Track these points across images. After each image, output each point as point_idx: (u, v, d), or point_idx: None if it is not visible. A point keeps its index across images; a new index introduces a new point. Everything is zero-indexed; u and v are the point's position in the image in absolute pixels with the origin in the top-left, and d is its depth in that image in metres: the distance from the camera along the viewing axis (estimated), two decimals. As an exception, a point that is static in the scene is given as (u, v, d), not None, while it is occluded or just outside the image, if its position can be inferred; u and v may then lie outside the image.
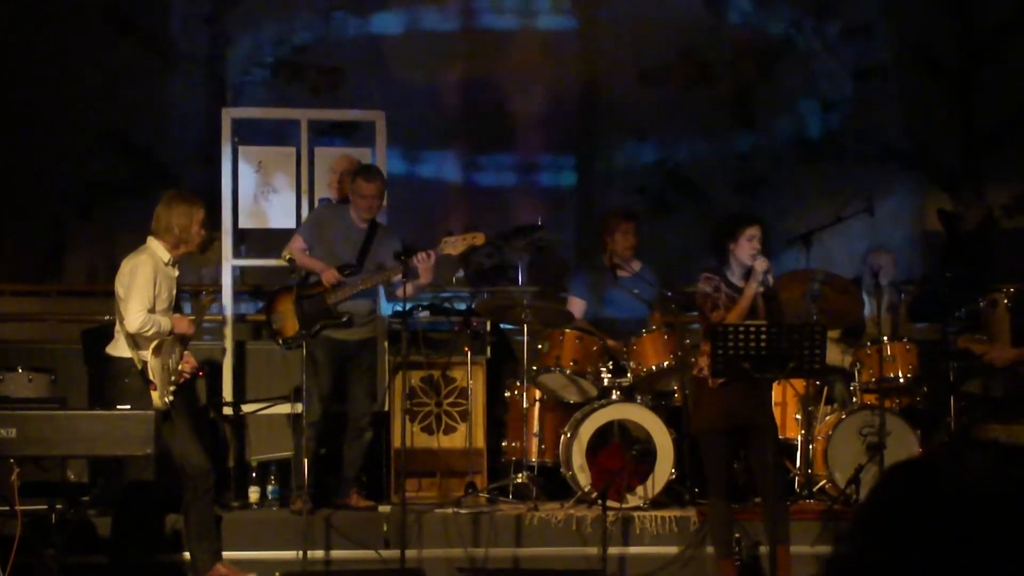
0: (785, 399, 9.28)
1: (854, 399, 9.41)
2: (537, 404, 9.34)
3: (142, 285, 7.68)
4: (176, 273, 7.97)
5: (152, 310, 7.71)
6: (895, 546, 1.68)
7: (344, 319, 8.82)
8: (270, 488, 9.17)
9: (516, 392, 9.41)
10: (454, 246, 8.70)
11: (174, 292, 7.96)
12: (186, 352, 7.97)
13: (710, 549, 8.29)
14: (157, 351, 7.71)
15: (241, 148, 9.92)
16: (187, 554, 8.21)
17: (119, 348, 7.79)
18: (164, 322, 7.74)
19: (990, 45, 12.53)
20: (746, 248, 7.61)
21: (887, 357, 9.32)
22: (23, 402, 8.30)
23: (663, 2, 12.66)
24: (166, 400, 7.69)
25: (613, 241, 9.59)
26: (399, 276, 8.48)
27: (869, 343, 9.46)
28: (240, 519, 8.82)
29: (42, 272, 12.01)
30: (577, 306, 9.66)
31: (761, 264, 7.58)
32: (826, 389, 9.51)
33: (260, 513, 9.05)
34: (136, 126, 12.07)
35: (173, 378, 7.80)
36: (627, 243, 9.59)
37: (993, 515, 1.63)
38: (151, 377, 7.65)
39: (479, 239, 8.81)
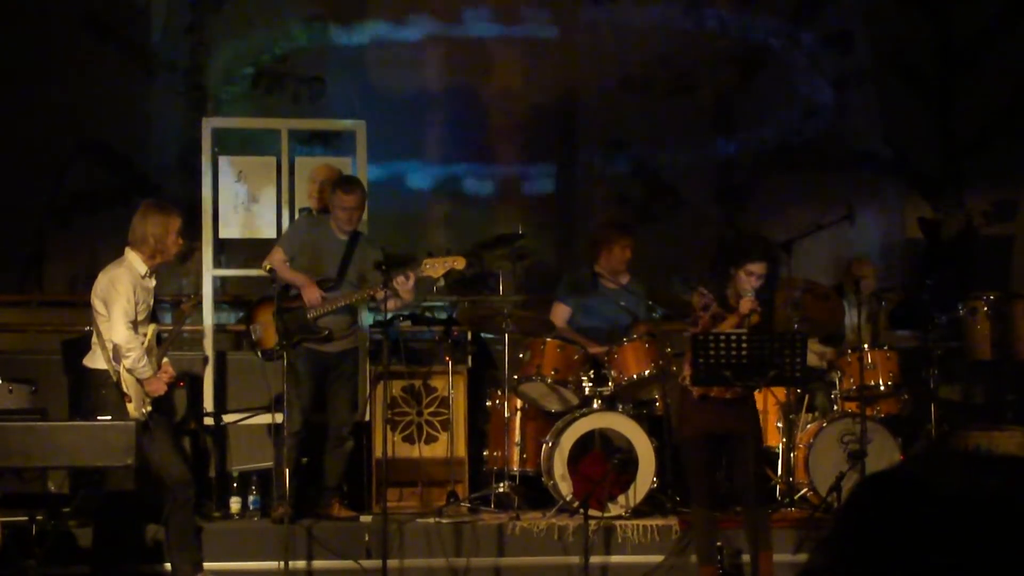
0: (766, 407, 9.27)
1: (835, 407, 9.42)
2: (518, 413, 9.34)
3: (123, 298, 7.65)
4: (153, 284, 7.93)
5: (133, 321, 7.69)
6: (870, 556, 1.68)
7: (324, 333, 8.81)
8: (251, 498, 9.15)
9: (497, 401, 9.40)
10: (434, 268, 8.67)
11: (151, 303, 7.93)
12: (165, 362, 7.95)
13: (693, 558, 8.29)
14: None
15: (221, 158, 9.90)
16: (168, 564, 8.20)
17: (96, 360, 7.77)
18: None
19: (968, 52, 12.55)
20: (743, 282, 7.57)
21: (868, 365, 9.34)
22: (3, 413, 8.25)
23: (643, 10, 12.65)
24: (143, 411, 7.67)
25: (610, 253, 9.58)
26: (380, 294, 8.47)
27: (850, 351, 9.47)
28: (221, 529, 8.81)
29: (22, 282, 11.94)
30: (562, 313, 9.65)
31: (745, 306, 7.54)
32: (807, 397, 9.52)
33: (241, 523, 9.04)
34: (116, 135, 12.01)
35: (150, 389, 7.80)
36: (623, 257, 9.59)
37: (970, 525, 1.63)
38: (125, 389, 7.63)
39: (460, 262, 8.75)
